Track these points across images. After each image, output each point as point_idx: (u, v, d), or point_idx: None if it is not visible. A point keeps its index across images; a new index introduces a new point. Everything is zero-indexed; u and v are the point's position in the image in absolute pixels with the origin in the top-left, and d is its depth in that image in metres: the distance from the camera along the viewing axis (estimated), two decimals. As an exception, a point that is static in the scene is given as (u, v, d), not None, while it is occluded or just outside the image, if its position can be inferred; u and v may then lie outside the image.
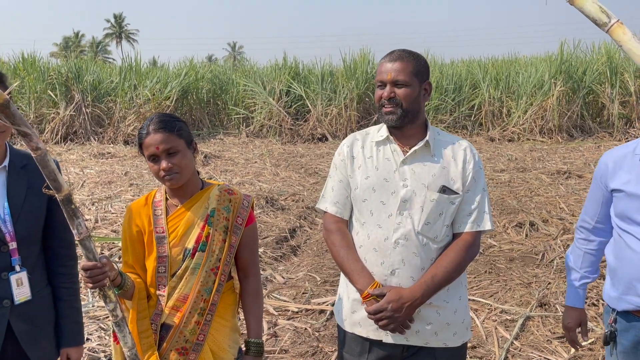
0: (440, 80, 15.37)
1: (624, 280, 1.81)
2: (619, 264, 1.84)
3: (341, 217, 1.92)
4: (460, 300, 1.89)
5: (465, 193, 1.85)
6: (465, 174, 1.84)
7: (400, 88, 1.81)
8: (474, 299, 4.27)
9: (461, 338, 1.90)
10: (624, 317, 1.85)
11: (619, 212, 1.84)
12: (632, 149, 1.83)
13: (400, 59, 1.83)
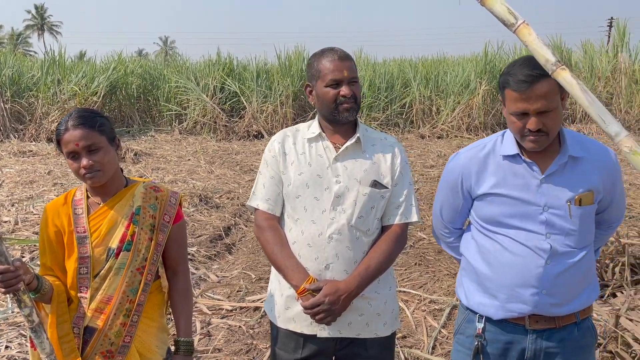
0: (374, 79, 15.66)
1: (506, 287, 1.70)
2: (496, 270, 1.72)
3: (273, 214, 1.92)
4: (389, 291, 1.95)
5: (394, 187, 1.90)
6: (393, 169, 1.90)
7: (354, 85, 1.85)
8: (404, 290, 4.40)
9: (391, 327, 1.95)
10: (497, 326, 1.75)
11: (488, 217, 1.75)
12: (490, 148, 1.77)
13: (348, 57, 1.87)
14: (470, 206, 1.84)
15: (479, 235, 1.81)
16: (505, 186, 1.71)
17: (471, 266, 1.83)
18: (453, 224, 1.94)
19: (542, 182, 1.68)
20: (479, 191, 1.76)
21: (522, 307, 1.70)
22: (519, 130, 1.63)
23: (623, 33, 17.13)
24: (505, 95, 1.66)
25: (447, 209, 1.91)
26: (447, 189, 1.88)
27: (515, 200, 1.69)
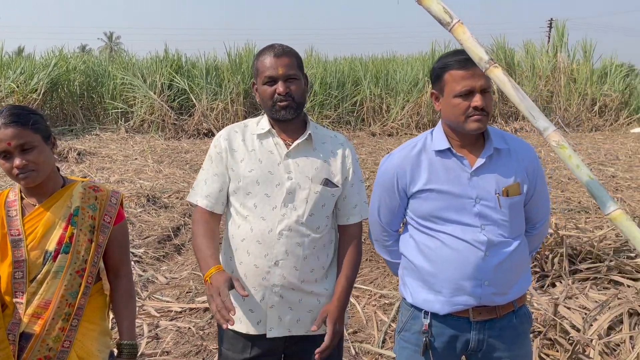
0: (325, 77, 15.73)
1: (449, 282, 1.74)
2: (438, 266, 1.76)
3: (212, 211, 1.89)
4: (327, 291, 1.94)
5: (351, 187, 1.92)
6: (345, 168, 1.91)
7: (292, 83, 1.82)
8: (355, 286, 4.44)
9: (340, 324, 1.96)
10: (443, 321, 1.79)
11: (425, 213, 1.78)
12: (422, 146, 1.81)
13: (285, 54, 1.83)
14: (406, 206, 1.87)
15: (417, 233, 1.84)
16: (438, 181, 1.76)
17: (413, 265, 1.85)
18: (391, 226, 1.95)
19: (472, 175, 1.74)
20: (414, 189, 1.80)
21: (467, 299, 1.75)
22: (463, 111, 1.68)
23: (562, 34, 17.94)
24: (445, 81, 1.71)
25: (384, 210, 1.92)
26: (382, 190, 1.89)
27: (448, 194, 1.74)
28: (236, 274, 1.88)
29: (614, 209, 1.03)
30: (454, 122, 1.73)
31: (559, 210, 6.16)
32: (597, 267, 3.97)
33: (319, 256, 1.88)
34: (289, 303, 1.85)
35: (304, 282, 1.85)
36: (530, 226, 1.89)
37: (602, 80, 17.39)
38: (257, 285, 1.84)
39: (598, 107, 16.90)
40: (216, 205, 1.89)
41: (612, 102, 16.92)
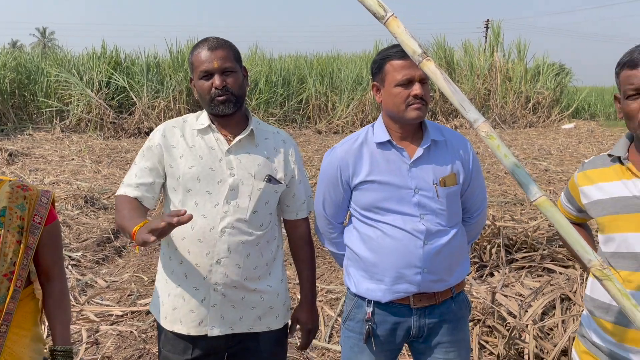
0: (270, 75, 15.66)
1: (390, 271, 1.78)
2: (380, 256, 1.80)
3: (140, 201, 1.81)
4: (281, 283, 1.94)
5: (298, 184, 1.93)
6: (288, 165, 1.90)
7: (229, 76, 1.77)
8: (302, 283, 4.45)
9: (283, 320, 1.95)
10: (385, 308, 1.83)
11: (367, 204, 1.81)
12: (363, 139, 1.84)
13: (220, 47, 1.78)
14: (350, 198, 1.90)
15: (360, 224, 1.87)
16: (380, 173, 1.79)
17: (356, 255, 1.89)
18: (336, 219, 1.97)
19: (411, 166, 1.78)
20: (356, 180, 1.83)
21: (407, 287, 1.79)
22: (404, 99, 1.72)
23: (498, 34, 18.68)
24: (386, 71, 1.75)
25: (329, 203, 1.94)
26: (326, 184, 1.92)
27: (389, 185, 1.78)
28: (176, 273, 1.83)
29: (539, 196, 1.08)
30: (394, 112, 1.77)
31: (497, 202, 6.41)
32: (531, 256, 4.16)
33: (263, 253, 1.86)
34: (232, 301, 1.82)
35: (247, 280, 1.82)
36: (467, 216, 1.95)
37: (536, 79, 18.27)
38: (198, 284, 1.80)
39: (532, 105, 17.73)
40: (145, 197, 1.82)
41: (545, 99, 17.81)
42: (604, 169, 1.55)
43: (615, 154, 1.52)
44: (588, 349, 1.57)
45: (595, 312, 1.55)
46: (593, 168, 1.59)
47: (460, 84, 17.89)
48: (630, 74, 1.41)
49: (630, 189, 1.45)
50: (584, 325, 1.62)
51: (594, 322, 1.55)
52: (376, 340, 1.85)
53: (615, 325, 1.47)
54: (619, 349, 1.47)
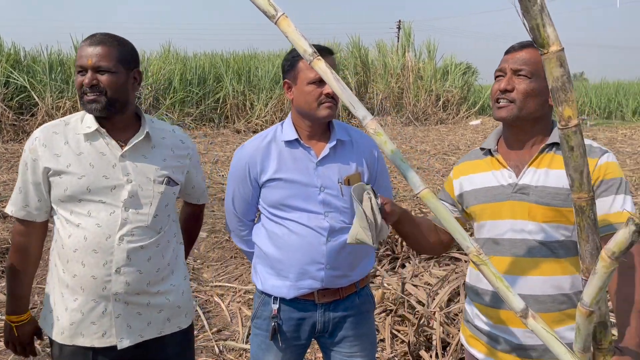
0: (185, 73, 15.26)
1: (295, 267, 1.82)
2: (285, 252, 1.83)
3: (32, 221, 1.75)
4: (185, 280, 1.91)
5: (196, 177, 1.94)
6: (185, 163, 1.87)
7: (104, 74, 1.67)
8: (220, 285, 4.40)
9: (191, 317, 1.93)
10: (290, 305, 1.87)
11: (274, 202, 1.84)
12: (272, 137, 1.86)
13: (102, 44, 1.69)
14: (259, 196, 1.91)
15: (267, 222, 1.89)
16: (287, 171, 1.82)
17: (263, 252, 1.91)
18: (246, 216, 1.99)
19: (318, 165, 1.82)
20: (264, 178, 1.85)
21: (311, 282, 1.83)
22: (316, 97, 1.75)
23: (409, 34, 19.40)
24: (299, 69, 1.77)
25: (238, 200, 1.95)
26: (236, 180, 1.93)
27: (295, 183, 1.81)
28: (72, 287, 1.73)
29: (422, 189, 1.14)
30: (306, 110, 1.79)
31: (409, 197, 6.67)
32: (439, 246, 4.37)
33: (164, 254, 1.81)
34: (137, 308, 1.76)
35: (150, 284, 1.77)
36: None
37: (445, 78, 19.18)
38: (97, 297, 1.71)
39: (442, 102, 18.60)
40: (37, 214, 1.75)
41: (454, 97, 18.74)
42: (477, 161, 1.65)
43: (486, 146, 1.63)
44: (472, 333, 1.67)
45: (473, 297, 1.66)
46: (467, 160, 1.70)
47: (375, 83, 18.41)
48: (503, 58, 1.54)
49: (499, 179, 1.56)
50: (467, 310, 1.73)
51: (474, 306, 1.66)
52: (282, 337, 1.87)
53: (490, 307, 1.58)
54: (495, 330, 1.58)
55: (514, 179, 1.53)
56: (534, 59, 1.47)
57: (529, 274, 1.49)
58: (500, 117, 1.51)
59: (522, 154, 1.55)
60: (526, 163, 1.53)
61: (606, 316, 1.00)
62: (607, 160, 1.45)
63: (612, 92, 22.50)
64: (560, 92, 0.91)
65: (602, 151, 1.47)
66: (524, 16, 0.90)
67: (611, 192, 1.41)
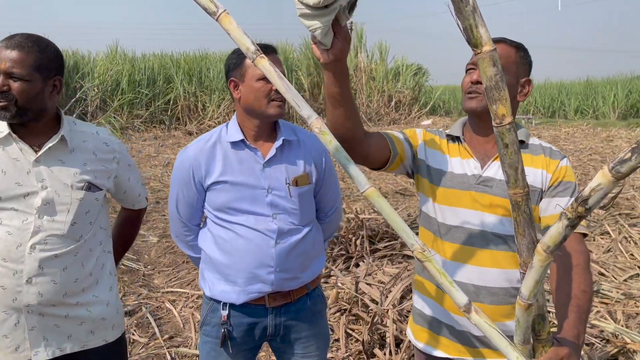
0: (133, 74, 14.88)
1: (244, 272, 1.78)
2: (233, 257, 1.79)
3: None
4: (111, 291, 1.82)
5: (128, 181, 1.84)
6: (111, 167, 1.78)
7: (16, 82, 1.57)
8: (171, 291, 4.30)
9: (119, 329, 1.84)
10: (240, 310, 1.83)
11: (220, 205, 1.79)
12: (217, 138, 1.82)
13: (20, 48, 1.57)
14: (204, 199, 1.86)
15: (214, 226, 1.84)
16: (233, 173, 1.77)
17: (210, 257, 1.85)
18: (191, 221, 1.92)
19: (265, 166, 1.79)
20: (209, 181, 1.79)
21: (261, 286, 1.79)
22: (266, 94, 1.71)
23: (361, 36, 19.59)
24: (246, 66, 1.73)
25: (183, 205, 1.89)
26: (180, 184, 1.87)
27: (242, 185, 1.77)
28: None
29: (368, 187, 1.14)
30: (255, 107, 1.75)
31: (362, 197, 6.73)
32: (392, 244, 4.43)
33: (84, 263, 1.72)
34: (54, 320, 1.67)
35: (67, 295, 1.67)
36: (322, 215, 2.00)
37: (397, 79, 19.49)
38: (7, 308, 1.62)
39: (394, 103, 18.89)
40: None
41: (405, 98, 19.07)
42: (447, 143, 1.63)
43: (453, 133, 1.61)
44: (421, 326, 1.69)
45: (421, 288, 1.68)
46: (439, 136, 1.65)
47: (329, 84, 18.47)
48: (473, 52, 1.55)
49: (465, 167, 1.56)
50: (415, 303, 1.74)
51: (420, 297, 1.68)
52: (233, 343, 1.83)
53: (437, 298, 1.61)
54: (442, 318, 1.61)
55: (479, 170, 1.54)
56: (505, 55, 1.47)
57: (485, 265, 1.51)
58: (470, 107, 1.52)
59: (488, 147, 1.56)
60: (492, 156, 1.55)
61: (544, 308, 1.03)
62: (565, 164, 1.52)
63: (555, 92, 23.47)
64: (494, 91, 0.93)
65: (561, 155, 1.54)
66: (457, 17, 0.92)
67: (567, 194, 1.47)
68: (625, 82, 21.83)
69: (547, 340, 1.07)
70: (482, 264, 1.51)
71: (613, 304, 3.50)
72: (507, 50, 1.50)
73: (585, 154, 10.55)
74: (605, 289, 3.70)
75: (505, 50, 1.50)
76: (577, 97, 22.23)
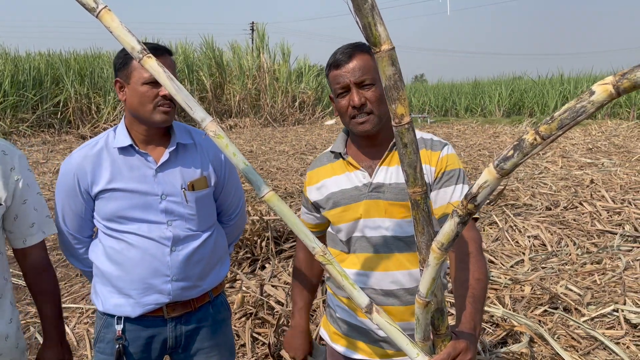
0: (16, 75, 13.68)
1: (137, 283, 1.69)
2: (126, 268, 1.69)
3: None
4: (11, 324, 1.63)
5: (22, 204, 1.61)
6: (9, 182, 1.57)
7: None
8: (65, 306, 3.98)
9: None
10: (137, 323, 1.73)
11: (110, 214, 1.68)
12: (103, 144, 1.70)
13: None
14: (93, 209, 1.74)
15: (104, 237, 1.73)
16: (122, 180, 1.66)
17: (101, 271, 1.74)
18: (81, 233, 1.79)
19: (157, 171, 1.69)
20: (96, 189, 1.68)
21: (157, 297, 1.70)
22: (151, 99, 1.61)
23: (263, 36, 19.53)
24: (132, 67, 1.62)
25: (69, 216, 1.75)
26: (65, 194, 1.72)
27: (133, 193, 1.66)
28: None
29: (267, 192, 1.11)
30: (140, 113, 1.64)
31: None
32: (298, 245, 4.43)
33: None
34: None
35: None
36: (225, 218, 1.93)
37: (300, 79, 19.67)
38: None
39: (298, 103, 19.04)
40: None
41: (309, 98, 19.30)
42: (330, 165, 1.63)
43: (335, 150, 1.61)
44: (335, 329, 1.69)
45: (335, 289, 1.68)
46: (320, 166, 1.67)
47: (232, 84, 18.22)
48: (337, 73, 1.49)
49: (353, 180, 1.56)
50: (329, 304, 1.75)
51: (334, 298, 1.69)
52: (129, 359, 1.72)
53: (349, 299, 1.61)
54: (355, 321, 1.62)
55: (368, 179, 1.54)
56: (368, 65, 1.47)
57: (390, 269, 1.52)
58: (363, 130, 1.49)
59: (372, 153, 1.57)
60: (377, 162, 1.55)
61: (442, 303, 1.06)
62: (447, 153, 1.52)
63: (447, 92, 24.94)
64: (393, 91, 0.93)
65: (442, 144, 1.54)
66: (357, 14, 0.91)
67: (452, 183, 1.49)
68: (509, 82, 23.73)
69: (446, 334, 1.10)
70: (388, 268, 1.53)
71: (502, 289, 3.76)
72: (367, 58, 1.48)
73: (475, 149, 11.29)
74: (494, 275, 3.97)
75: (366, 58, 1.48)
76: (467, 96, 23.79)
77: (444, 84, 27.65)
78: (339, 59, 1.49)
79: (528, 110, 20.96)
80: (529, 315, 3.35)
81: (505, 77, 25.72)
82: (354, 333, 1.63)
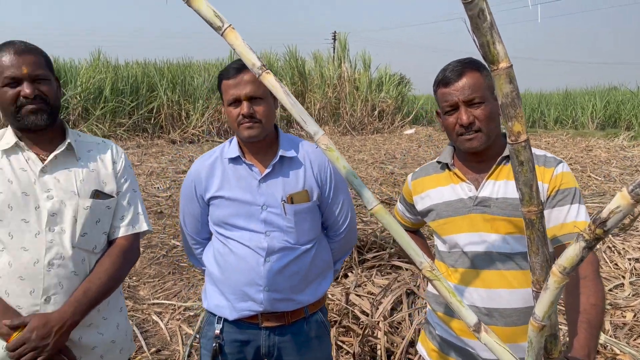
0: (116, 82, 14.73)
1: (234, 288, 1.77)
2: (225, 272, 1.78)
3: None
4: (121, 312, 1.77)
5: (121, 198, 1.74)
6: (116, 175, 1.73)
7: (42, 83, 1.58)
8: (157, 302, 4.23)
9: (128, 352, 1.79)
10: (234, 326, 1.81)
11: (219, 220, 1.79)
12: (219, 154, 1.83)
13: (29, 51, 1.57)
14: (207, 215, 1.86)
15: (215, 240, 1.84)
16: (230, 188, 1.77)
17: (209, 271, 1.86)
18: (198, 235, 1.92)
19: (261, 182, 1.76)
20: (208, 195, 1.80)
21: (251, 305, 1.76)
22: (234, 118, 1.71)
23: (344, 46, 19.70)
24: (222, 91, 1.75)
25: (189, 218, 1.89)
26: (185, 198, 1.88)
27: (238, 201, 1.75)
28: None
29: (376, 204, 1.13)
30: (234, 129, 1.76)
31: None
32: (381, 255, 4.42)
33: None
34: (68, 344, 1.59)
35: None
36: (332, 233, 1.92)
37: (380, 88, 19.62)
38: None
39: (377, 112, 18.99)
40: None
41: (388, 107, 19.19)
42: (435, 176, 1.64)
43: (443, 161, 1.61)
44: (435, 347, 1.66)
45: (435, 306, 1.66)
46: (426, 175, 1.67)
47: (313, 93, 18.53)
48: (445, 91, 1.49)
49: (459, 192, 1.55)
50: (429, 320, 1.72)
51: (435, 315, 1.67)
52: (224, 358, 1.81)
53: (450, 316, 1.58)
54: (455, 340, 1.59)
55: (474, 192, 1.52)
56: (478, 83, 1.46)
57: (493, 286, 1.48)
58: (472, 147, 1.49)
59: (479, 167, 1.55)
60: (485, 176, 1.53)
61: (556, 327, 1.02)
62: (562, 170, 1.46)
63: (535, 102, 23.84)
64: (510, 108, 0.93)
65: (556, 161, 1.48)
66: (474, 33, 0.91)
67: (567, 202, 1.43)
68: (604, 92, 22.29)
69: (559, 359, 1.06)
70: (491, 285, 1.49)
71: (600, 314, 3.53)
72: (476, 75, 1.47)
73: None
74: (592, 299, 3.74)
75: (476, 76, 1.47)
76: (557, 107, 22.61)
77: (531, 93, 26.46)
78: (448, 76, 1.49)
79: (625, 123, 19.57)
80: (632, 344, 3.12)
81: (600, 88, 24.20)
82: (453, 352, 1.60)
